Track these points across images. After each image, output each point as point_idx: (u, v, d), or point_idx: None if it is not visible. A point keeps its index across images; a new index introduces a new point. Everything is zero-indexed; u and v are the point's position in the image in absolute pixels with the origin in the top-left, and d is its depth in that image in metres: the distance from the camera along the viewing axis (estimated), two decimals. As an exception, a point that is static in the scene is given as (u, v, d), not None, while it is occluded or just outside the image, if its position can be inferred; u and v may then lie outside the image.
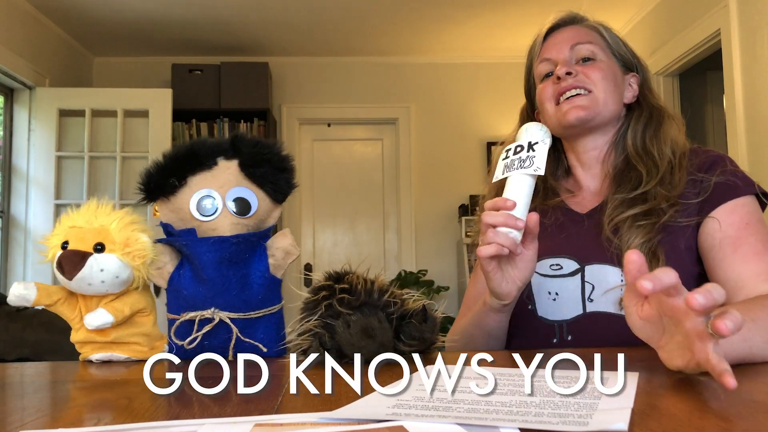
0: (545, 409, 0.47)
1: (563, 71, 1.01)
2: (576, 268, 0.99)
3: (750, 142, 2.89)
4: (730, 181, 0.96)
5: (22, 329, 2.25)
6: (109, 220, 0.83)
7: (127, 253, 0.81)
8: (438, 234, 4.74)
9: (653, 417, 0.46)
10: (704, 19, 3.19)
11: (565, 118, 1.02)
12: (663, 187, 0.97)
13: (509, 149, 0.89)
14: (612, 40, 1.08)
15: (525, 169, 0.84)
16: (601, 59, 1.04)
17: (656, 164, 1.00)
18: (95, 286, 0.80)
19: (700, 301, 0.48)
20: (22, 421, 0.50)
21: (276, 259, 0.86)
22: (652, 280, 0.51)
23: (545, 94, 1.05)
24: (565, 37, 1.06)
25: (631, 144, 1.05)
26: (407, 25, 4.18)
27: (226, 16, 3.96)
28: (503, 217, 0.82)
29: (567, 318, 0.98)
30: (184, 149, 0.85)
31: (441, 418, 0.45)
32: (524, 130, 0.91)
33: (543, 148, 0.85)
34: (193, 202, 0.83)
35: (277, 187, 0.87)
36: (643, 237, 0.94)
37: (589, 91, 1.01)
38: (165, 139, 3.92)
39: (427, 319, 0.77)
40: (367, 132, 4.91)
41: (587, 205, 1.07)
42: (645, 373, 0.61)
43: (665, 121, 1.05)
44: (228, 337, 0.82)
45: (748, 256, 0.91)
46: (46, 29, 3.94)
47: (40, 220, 3.80)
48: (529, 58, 1.12)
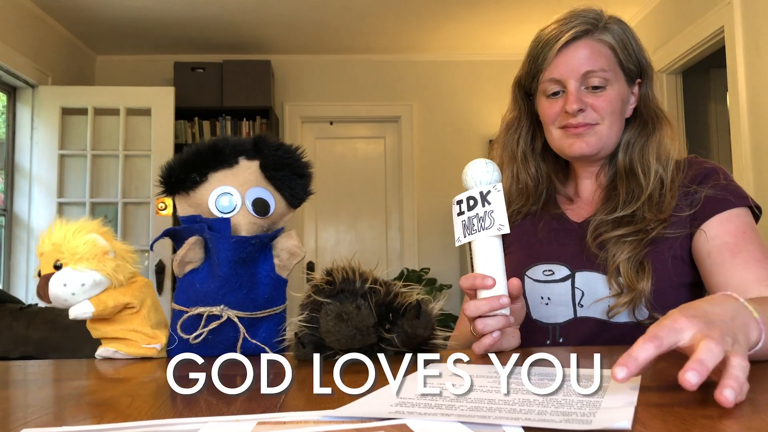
0: (548, 407, 0.46)
1: (574, 108, 0.99)
2: (567, 274, 1.02)
3: (753, 139, 2.88)
4: (720, 195, 0.97)
5: (25, 327, 2.26)
6: (59, 235, 0.84)
7: (77, 260, 0.82)
8: (440, 232, 4.73)
9: (657, 415, 0.46)
10: (707, 16, 3.18)
11: (570, 150, 1.02)
12: (650, 208, 0.98)
13: (461, 201, 0.83)
14: (623, 54, 1.03)
15: (488, 231, 0.79)
16: (611, 85, 1.01)
17: (640, 184, 1.01)
18: (71, 299, 0.82)
19: (693, 382, 0.46)
20: (26, 418, 0.50)
21: (281, 259, 0.87)
22: (627, 365, 0.48)
23: (551, 115, 1.04)
24: (579, 59, 1.00)
25: (620, 159, 1.05)
26: (409, 22, 4.18)
27: (229, 14, 3.96)
28: (487, 305, 0.79)
29: (560, 321, 1.01)
30: (206, 145, 0.86)
31: (444, 417, 0.44)
32: (469, 174, 0.82)
33: (498, 197, 0.79)
34: (213, 198, 0.84)
35: (294, 193, 0.89)
36: (630, 252, 0.95)
37: (595, 123, 1.01)
38: (167, 137, 3.93)
39: (421, 314, 0.77)
40: (369, 130, 4.90)
41: (582, 213, 1.08)
42: (650, 372, 0.60)
43: (658, 130, 1.04)
44: (232, 335, 0.83)
45: (748, 262, 0.91)
46: (49, 27, 3.94)
47: (42, 218, 3.80)
48: (534, 62, 1.05)
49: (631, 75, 1.05)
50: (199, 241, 0.85)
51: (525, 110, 1.13)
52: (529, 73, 1.07)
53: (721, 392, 0.46)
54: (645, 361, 0.49)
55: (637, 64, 1.05)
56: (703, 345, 0.49)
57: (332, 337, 0.73)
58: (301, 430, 0.43)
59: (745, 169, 2.91)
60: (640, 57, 1.06)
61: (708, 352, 0.48)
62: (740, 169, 2.95)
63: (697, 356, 0.48)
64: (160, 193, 0.87)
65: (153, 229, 3.91)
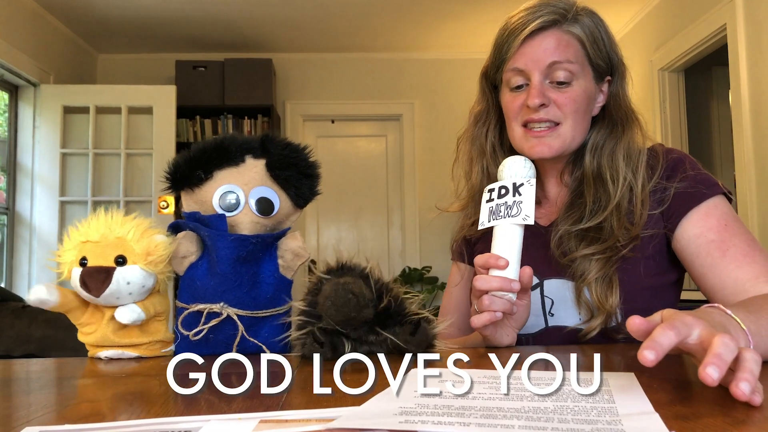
0: (567, 415, 0.45)
1: (536, 102, 0.95)
2: (535, 282, 0.97)
3: (756, 137, 2.88)
4: (692, 188, 0.94)
5: (27, 325, 2.26)
6: (124, 230, 0.81)
7: (150, 261, 0.80)
8: (442, 230, 4.72)
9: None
10: (710, 14, 3.18)
11: (530, 152, 0.97)
12: (619, 218, 0.94)
13: (492, 189, 0.84)
14: (592, 49, 0.98)
15: (513, 218, 0.80)
16: (577, 80, 0.97)
17: (608, 191, 0.96)
18: (123, 298, 0.80)
19: (714, 377, 0.46)
20: (28, 417, 0.50)
21: (285, 260, 0.86)
22: (654, 349, 0.49)
23: (513, 109, 0.99)
24: (545, 50, 0.96)
25: (587, 163, 1.00)
26: (411, 20, 4.18)
27: (230, 12, 3.96)
28: (498, 282, 0.79)
29: (531, 332, 0.97)
30: (213, 143, 0.86)
31: (462, 426, 0.42)
32: (506, 167, 0.85)
33: (529, 191, 0.81)
34: (216, 196, 0.84)
35: (299, 192, 0.88)
36: (598, 272, 0.92)
37: (557, 123, 0.97)
38: (169, 135, 3.93)
39: (417, 332, 0.75)
40: (371, 128, 4.90)
41: (549, 216, 1.05)
42: (645, 374, 0.60)
43: (628, 131, 1.00)
44: (232, 333, 0.82)
45: (738, 258, 0.89)
46: (51, 26, 3.94)
47: (45, 216, 3.81)
48: (498, 51, 1.01)
49: (600, 71, 1.00)
50: (189, 234, 0.84)
51: (492, 103, 1.08)
52: (493, 63, 1.03)
53: (737, 386, 0.46)
54: (668, 347, 0.49)
55: (607, 60, 1.00)
56: (718, 340, 0.49)
57: (328, 304, 0.72)
58: (303, 428, 0.43)
59: (747, 167, 2.91)
60: (611, 53, 1.01)
61: (724, 347, 0.48)
62: (742, 168, 2.95)
63: (714, 350, 0.48)
64: (166, 189, 0.87)
65: (155, 228, 3.91)
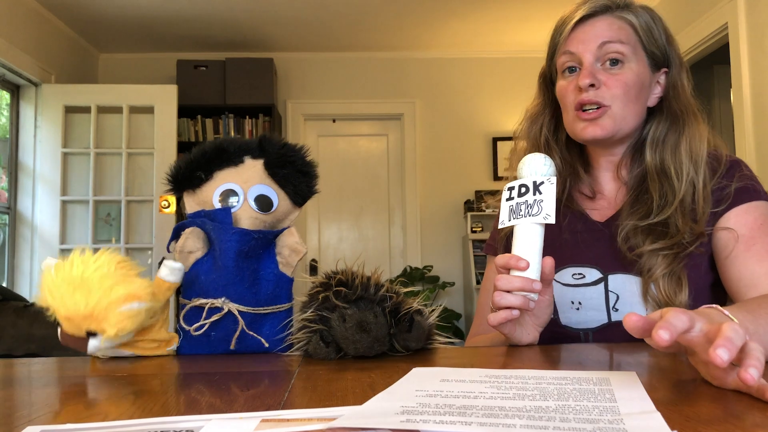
0: (569, 414, 0.45)
1: (586, 82, 0.95)
2: (599, 277, 0.97)
3: (758, 135, 2.87)
4: (749, 185, 0.96)
5: (29, 325, 2.26)
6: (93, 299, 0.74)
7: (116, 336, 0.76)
8: (443, 229, 4.73)
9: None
10: (711, 12, 3.17)
11: (582, 133, 0.98)
12: (683, 215, 0.94)
13: (512, 187, 0.83)
14: (646, 37, 0.99)
15: (534, 218, 0.79)
16: (629, 63, 0.97)
17: (673, 187, 0.96)
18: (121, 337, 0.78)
19: (724, 358, 0.47)
20: (30, 416, 0.50)
21: (283, 256, 0.88)
22: (668, 329, 0.50)
23: (566, 94, 1.00)
24: (595, 33, 0.97)
25: (649, 159, 1.00)
26: (412, 20, 4.17)
27: (231, 11, 3.96)
28: (519, 282, 0.78)
29: (592, 326, 0.97)
30: (212, 145, 0.89)
31: (464, 426, 0.42)
32: (526, 165, 0.83)
33: (550, 189, 0.80)
34: (216, 194, 0.86)
35: (297, 190, 0.91)
36: (666, 268, 0.92)
37: (608, 106, 0.96)
38: (170, 135, 3.93)
39: (413, 328, 0.76)
40: (372, 128, 4.90)
41: (605, 213, 1.04)
42: (645, 374, 0.60)
43: (689, 125, 1.00)
44: (234, 329, 0.83)
45: (761, 254, 0.90)
46: (52, 26, 3.95)
47: (46, 216, 3.82)
48: (553, 41, 1.04)
49: (655, 59, 1.00)
50: (195, 231, 0.86)
51: (548, 99, 1.09)
52: (548, 54, 1.05)
53: (746, 371, 0.47)
54: (681, 330, 0.50)
55: (663, 50, 1.01)
56: (728, 326, 0.50)
57: (351, 346, 0.73)
58: (305, 428, 0.43)
59: (748, 165, 2.90)
60: (668, 47, 1.01)
61: (734, 332, 0.49)
62: (744, 166, 2.94)
63: (724, 334, 0.49)
64: (168, 191, 0.90)
65: (156, 227, 3.92)
